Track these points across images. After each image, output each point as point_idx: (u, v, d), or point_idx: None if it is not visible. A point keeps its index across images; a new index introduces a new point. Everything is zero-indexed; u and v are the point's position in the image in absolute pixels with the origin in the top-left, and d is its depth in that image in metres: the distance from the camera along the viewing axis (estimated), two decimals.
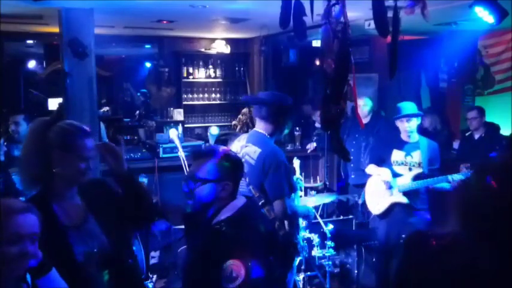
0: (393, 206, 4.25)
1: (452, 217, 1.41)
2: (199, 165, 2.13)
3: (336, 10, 1.93)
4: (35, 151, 1.96)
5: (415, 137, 4.27)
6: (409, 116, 4.18)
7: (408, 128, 4.20)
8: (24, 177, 2.01)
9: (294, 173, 4.02)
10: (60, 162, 1.94)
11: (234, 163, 2.17)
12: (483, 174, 1.38)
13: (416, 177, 4.15)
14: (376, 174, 4.35)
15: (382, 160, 4.35)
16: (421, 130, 4.81)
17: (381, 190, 4.29)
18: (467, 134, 5.98)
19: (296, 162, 4.26)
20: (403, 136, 4.28)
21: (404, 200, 4.18)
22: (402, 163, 4.26)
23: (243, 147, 3.41)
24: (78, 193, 2.04)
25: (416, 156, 4.21)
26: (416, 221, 4.13)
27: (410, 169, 4.22)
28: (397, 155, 4.29)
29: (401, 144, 4.28)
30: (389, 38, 2.07)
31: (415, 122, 4.21)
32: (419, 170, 4.17)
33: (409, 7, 1.97)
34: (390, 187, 4.23)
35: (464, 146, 5.97)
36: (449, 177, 3.99)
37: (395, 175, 4.24)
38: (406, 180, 4.18)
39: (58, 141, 1.95)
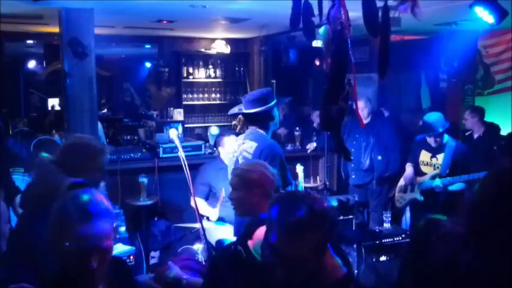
0: (411, 202, 4.75)
1: (463, 216, 1.43)
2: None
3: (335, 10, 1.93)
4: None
5: (444, 140, 4.62)
6: (437, 135, 4.55)
7: (437, 140, 4.57)
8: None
9: (297, 178, 4.10)
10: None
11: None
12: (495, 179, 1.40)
13: (434, 178, 4.58)
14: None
15: (416, 160, 4.83)
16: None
17: (405, 186, 4.81)
18: (466, 134, 6.00)
19: (299, 169, 4.43)
20: (431, 141, 4.65)
21: (419, 197, 4.65)
22: (428, 164, 4.66)
23: (240, 145, 3.47)
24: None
25: (440, 158, 4.56)
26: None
27: (434, 170, 4.61)
28: (424, 156, 4.70)
29: (429, 146, 4.66)
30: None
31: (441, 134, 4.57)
32: (439, 171, 4.56)
33: (400, 6, 1.97)
34: (412, 184, 4.71)
35: None
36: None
37: (422, 174, 4.67)
38: (425, 178, 4.61)
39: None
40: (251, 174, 2.48)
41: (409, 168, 4.82)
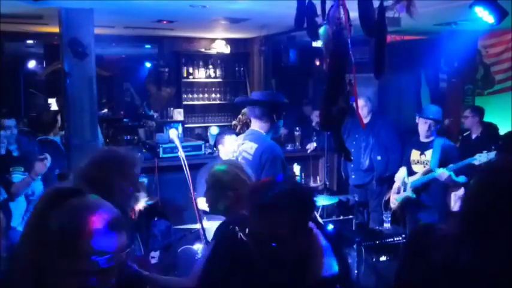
0: (405, 201, 4.71)
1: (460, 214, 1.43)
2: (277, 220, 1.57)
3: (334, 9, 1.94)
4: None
5: (431, 137, 4.64)
6: (429, 119, 4.58)
7: (424, 128, 4.60)
8: None
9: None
10: None
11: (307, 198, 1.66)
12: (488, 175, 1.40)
13: (425, 174, 4.58)
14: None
15: (408, 161, 4.83)
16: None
17: (398, 187, 4.80)
18: (465, 134, 6.00)
19: (296, 168, 4.42)
20: (421, 137, 4.70)
21: (412, 195, 4.63)
22: (418, 162, 4.71)
23: (240, 145, 3.46)
24: None
25: (429, 154, 4.60)
26: (423, 217, 4.58)
27: (424, 167, 4.63)
28: (414, 155, 4.75)
29: (418, 144, 4.74)
30: (389, 38, 2.07)
31: (432, 125, 4.58)
32: (429, 167, 4.57)
33: (396, 5, 1.97)
34: (404, 184, 4.70)
35: (462, 146, 5.99)
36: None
37: (413, 173, 4.69)
38: (416, 177, 4.63)
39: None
40: (225, 176, 2.38)
41: (401, 170, 4.85)
